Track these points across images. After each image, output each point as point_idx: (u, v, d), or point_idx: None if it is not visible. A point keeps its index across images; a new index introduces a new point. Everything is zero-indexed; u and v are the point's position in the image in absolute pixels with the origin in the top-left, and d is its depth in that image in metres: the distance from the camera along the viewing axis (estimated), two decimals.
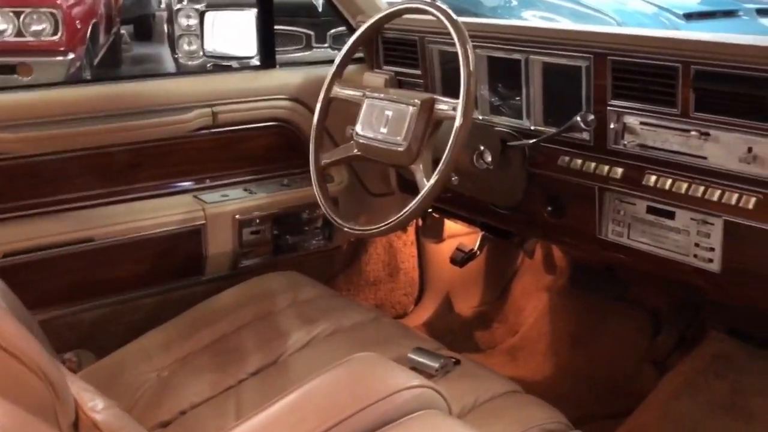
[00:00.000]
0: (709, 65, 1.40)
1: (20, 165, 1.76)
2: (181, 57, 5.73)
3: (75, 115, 1.79)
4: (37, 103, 1.78)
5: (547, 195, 1.76)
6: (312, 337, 1.68)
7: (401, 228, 1.64)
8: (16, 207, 1.76)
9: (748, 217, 1.40)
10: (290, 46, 5.72)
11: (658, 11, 6.73)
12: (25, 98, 1.79)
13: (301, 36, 5.92)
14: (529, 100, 1.76)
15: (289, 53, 5.64)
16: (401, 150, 1.64)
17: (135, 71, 7.22)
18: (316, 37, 5.89)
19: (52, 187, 1.80)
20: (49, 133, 1.76)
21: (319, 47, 5.91)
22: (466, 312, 2.59)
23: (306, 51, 5.89)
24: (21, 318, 1.41)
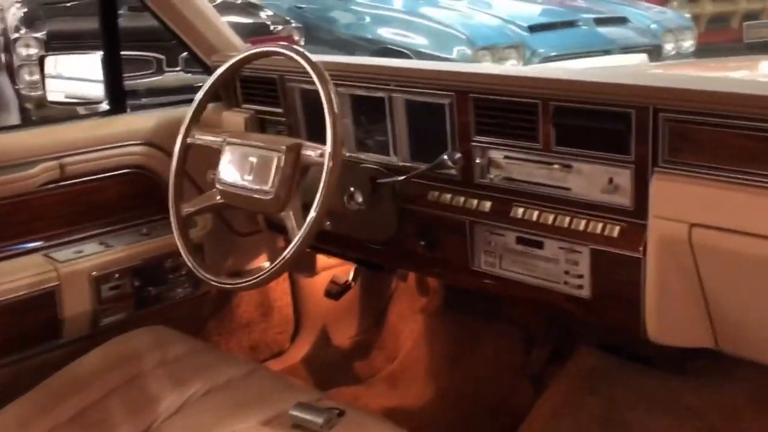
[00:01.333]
0: (567, 101, 1.44)
1: None
2: (23, 88, 5.37)
3: None
4: None
5: (419, 229, 1.75)
6: (185, 400, 1.59)
7: (274, 279, 1.58)
8: None
9: (613, 245, 1.45)
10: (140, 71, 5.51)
11: (503, 24, 7.00)
12: None
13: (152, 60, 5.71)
14: (395, 136, 1.75)
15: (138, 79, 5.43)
16: (269, 198, 1.58)
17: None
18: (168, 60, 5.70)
19: None
20: None
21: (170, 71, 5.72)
22: (344, 343, 2.56)
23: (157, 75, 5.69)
24: None
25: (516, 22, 6.97)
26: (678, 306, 1.43)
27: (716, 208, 1.29)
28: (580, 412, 1.75)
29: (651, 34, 7.24)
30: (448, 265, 1.74)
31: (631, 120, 1.36)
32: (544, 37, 6.91)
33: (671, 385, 1.76)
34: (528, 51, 6.78)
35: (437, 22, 6.96)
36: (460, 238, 1.68)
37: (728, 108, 1.24)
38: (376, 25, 7.40)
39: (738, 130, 1.25)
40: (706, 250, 1.33)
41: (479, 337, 2.36)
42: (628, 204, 1.42)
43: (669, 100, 1.31)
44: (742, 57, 5.52)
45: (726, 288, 1.38)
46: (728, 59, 5.00)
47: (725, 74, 2.38)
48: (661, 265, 1.39)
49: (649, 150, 1.36)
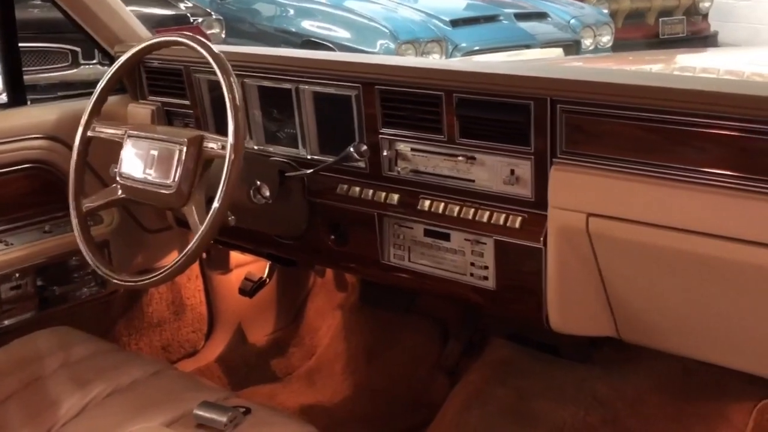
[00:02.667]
0: (469, 93, 1.45)
1: None
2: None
3: None
4: None
5: (329, 223, 1.74)
6: (87, 402, 1.54)
7: (176, 276, 1.54)
8: None
9: (515, 236, 1.46)
10: (54, 64, 5.33)
11: (427, 18, 7.04)
12: None
13: (66, 53, 5.53)
14: (304, 129, 1.73)
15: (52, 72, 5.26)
16: (171, 192, 1.54)
17: None
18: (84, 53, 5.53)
19: None
20: None
21: (87, 64, 5.55)
22: (260, 341, 2.52)
23: (72, 69, 5.52)
24: None
25: (439, 16, 7.02)
26: (578, 296, 1.45)
27: (611, 198, 1.32)
28: (490, 403, 1.76)
29: (570, 29, 7.39)
30: (359, 259, 1.74)
31: (530, 112, 1.38)
32: (466, 32, 6.98)
33: (578, 374, 1.79)
34: (450, 45, 6.84)
35: (361, 15, 6.96)
36: (369, 231, 1.67)
37: (621, 99, 1.27)
38: (299, 18, 7.34)
39: (631, 120, 1.27)
40: (603, 240, 1.35)
41: (396, 331, 2.36)
42: (529, 195, 1.44)
43: (565, 91, 1.33)
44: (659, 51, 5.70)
45: (624, 277, 1.41)
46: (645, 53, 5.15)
47: (642, 67, 2.43)
48: (561, 255, 1.41)
49: (548, 141, 1.38)
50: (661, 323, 1.45)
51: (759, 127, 1.16)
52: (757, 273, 1.22)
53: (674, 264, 1.31)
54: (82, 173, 1.70)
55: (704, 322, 1.38)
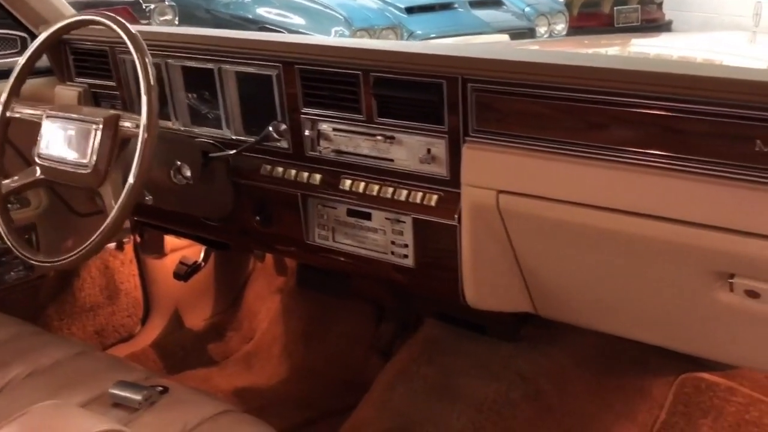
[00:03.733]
0: (385, 72, 1.45)
1: None
2: None
3: None
4: None
5: (254, 205, 1.74)
6: (6, 383, 1.52)
7: (91, 256, 1.54)
8: None
9: (431, 214, 1.48)
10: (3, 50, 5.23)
11: (383, 6, 7.05)
12: None
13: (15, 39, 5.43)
14: (227, 109, 1.73)
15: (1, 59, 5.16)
16: (87, 172, 1.53)
17: None
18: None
19: None
20: None
21: None
22: (197, 325, 2.52)
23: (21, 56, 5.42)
24: None
25: (395, 3, 7.03)
26: (493, 272, 1.48)
27: (520, 175, 1.34)
28: (415, 381, 1.79)
29: (525, 17, 7.45)
30: (285, 240, 1.74)
31: (442, 91, 1.39)
32: (421, 19, 7.01)
33: (503, 352, 1.82)
34: (405, 32, 6.86)
35: (316, 2, 6.94)
36: (293, 212, 1.68)
37: (524, 77, 1.28)
38: (255, 5, 7.30)
39: (535, 99, 1.29)
40: (513, 216, 1.37)
41: (332, 314, 2.37)
42: (445, 174, 1.46)
43: (474, 70, 1.34)
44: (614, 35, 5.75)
45: (536, 253, 1.43)
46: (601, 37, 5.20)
47: (597, 50, 2.46)
48: (475, 232, 1.43)
49: (460, 120, 1.39)
50: (575, 298, 1.48)
51: (653, 103, 1.19)
52: (662, 247, 1.25)
53: (582, 239, 1.34)
54: (1, 154, 1.68)
55: (615, 297, 1.41)
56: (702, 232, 1.18)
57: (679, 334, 1.38)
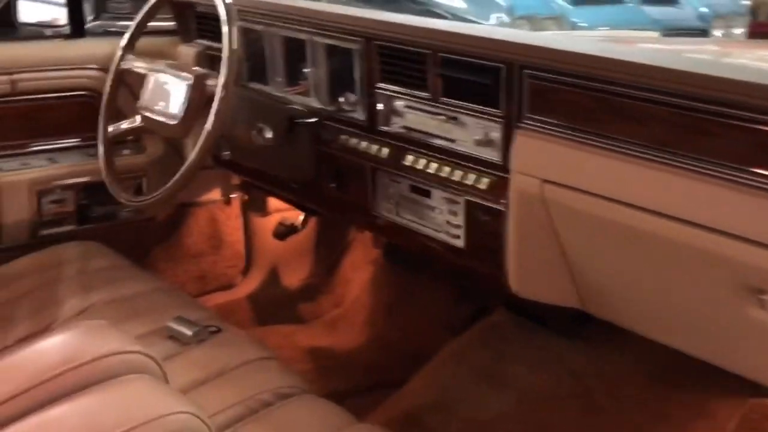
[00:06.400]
0: (450, 53, 1.48)
1: None
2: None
3: None
4: None
5: (332, 172, 1.82)
6: (87, 306, 1.70)
7: (169, 201, 1.68)
8: None
9: (483, 197, 1.50)
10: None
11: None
12: None
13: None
14: (316, 79, 1.82)
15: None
16: (175, 123, 1.67)
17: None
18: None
19: None
20: None
21: None
22: (293, 284, 2.65)
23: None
24: None
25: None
26: (539, 262, 1.47)
27: (565, 166, 1.33)
28: (466, 362, 1.81)
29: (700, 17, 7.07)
30: (354, 208, 1.81)
31: (500, 75, 1.40)
32: (586, 11, 6.83)
33: (559, 346, 1.80)
34: (568, 24, 6.71)
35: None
36: (363, 183, 1.74)
37: (578, 68, 1.27)
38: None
39: (586, 90, 1.28)
40: (557, 207, 1.37)
41: (415, 290, 2.43)
42: (497, 158, 1.47)
43: (530, 57, 1.34)
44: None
45: (582, 247, 1.41)
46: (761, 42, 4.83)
47: (740, 55, 2.32)
48: (521, 219, 1.43)
49: (515, 105, 1.40)
50: (622, 299, 1.45)
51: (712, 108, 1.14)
52: (698, 255, 1.21)
53: (623, 239, 1.31)
54: (113, 101, 1.86)
55: (652, 301, 1.37)
56: (735, 244, 1.13)
57: (713, 347, 1.32)
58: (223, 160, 1.74)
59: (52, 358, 1.17)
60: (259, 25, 1.90)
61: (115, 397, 1.11)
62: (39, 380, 1.11)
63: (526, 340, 1.84)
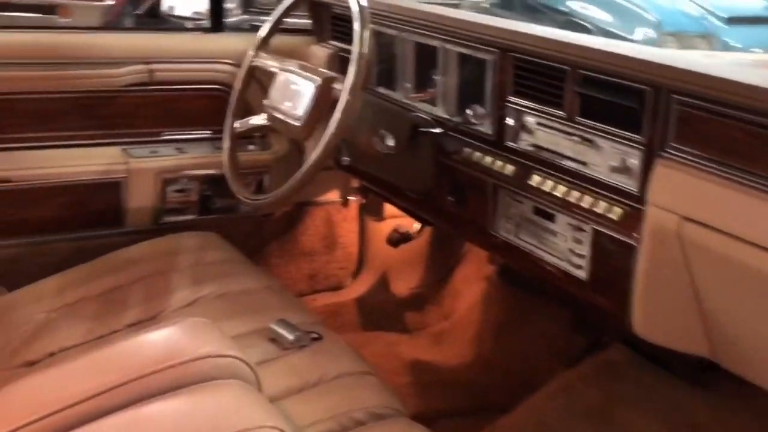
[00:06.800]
0: (592, 70, 1.38)
1: None
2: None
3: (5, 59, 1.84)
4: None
5: (451, 185, 1.76)
6: (196, 299, 1.71)
7: (286, 201, 1.67)
8: None
9: (612, 228, 1.39)
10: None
11: (703, 13, 6.57)
12: None
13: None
14: (444, 88, 1.75)
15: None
16: (298, 125, 1.65)
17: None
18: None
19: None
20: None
21: None
22: (402, 292, 2.61)
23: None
24: None
25: (716, 12, 6.53)
26: (668, 304, 1.35)
27: (709, 204, 1.20)
28: (576, 399, 1.70)
29: None
30: (472, 225, 1.74)
31: (645, 98, 1.29)
32: (742, 31, 6.42)
33: (681, 393, 1.66)
34: (719, 44, 6.34)
35: (631, 2, 6.66)
36: (484, 199, 1.67)
37: (735, 98, 1.15)
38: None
39: (746, 124, 1.15)
40: (695, 248, 1.24)
41: (529, 312, 2.32)
42: (634, 188, 1.35)
43: (681, 81, 1.22)
44: None
45: (719, 294, 1.28)
46: None
47: None
48: (653, 256, 1.32)
49: (659, 133, 1.28)
50: (758, 354, 1.31)
51: None
52: None
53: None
54: (242, 97, 1.87)
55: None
56: None
57: None
58: (343, 165, 1.70)
59: (150, 355, 1.16)
60: (393, 29, 1.85)
61: (205, 402, 1.09)
62: (135, 375, 1.11)
63: (642, 382, 1.71)
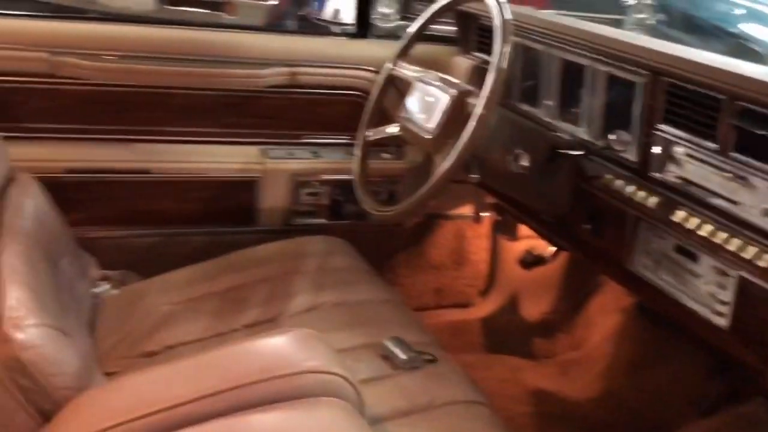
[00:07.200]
0: (753, 102, 1.25)
1: (92, 92, 1.90)
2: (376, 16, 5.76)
3: (152, 54, 1.91)
4: (120, 36, 1.91)
5: (588, 211, 1.66)
6: (316, 305, 1.70)
7: (411, 215, 1.62)
8: (83, 129, 1.92)
9: (762, 276, 1.25)
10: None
11: None
12: (108, 30, 1.93)
13: None
14: (589, 110, 1.65)
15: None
16: (428, 137, 1.61)
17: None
18: None
19: (120, 117, 1.94)
20: (127, 67, 1.89)
21: None
22: (531, 316, 2.50)
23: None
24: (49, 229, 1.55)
25: None
26: None
27: None
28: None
29: None
30: (607, 257, 1.63)
31: None
32: None
33: None
34: None
35: None
36: (622, 230, 1.56)
37: None
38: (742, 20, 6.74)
39: None
40: None
41: (665, 351, 2.16)
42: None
43: None
44: None
45: None
46: None
47: None
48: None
49: None
50: None
51: None
52: None
53: None
54: (377, 106, 1.85)
55: None
56: None
57: None
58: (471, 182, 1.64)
59: (255, 363, 1.15)
60: (540, 44, 1.77)
61: (302, 419, 1.07)
62: (237, 383, 1.10)
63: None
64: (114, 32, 1.93)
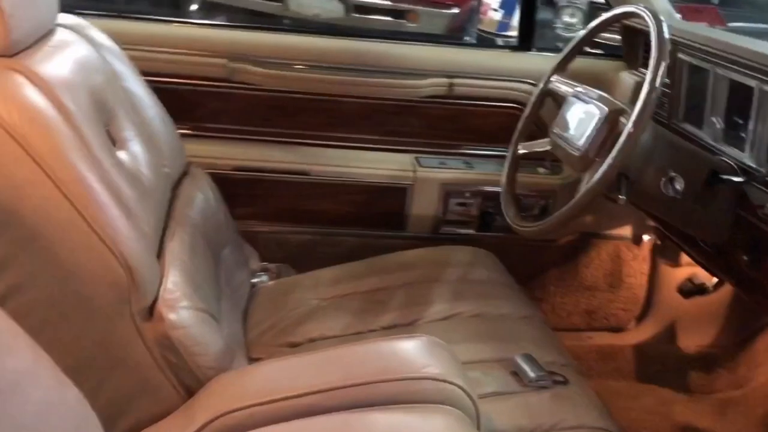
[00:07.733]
0: None
1: (263, 97, 2.04)
2: (559, 26, 5.65)
3: (319, 63, 2.01)
4: (288, 46, 2.03)
5: (748, 242, 1.56)
6: (453, 314, 1.71)
7: (549, 233, 1.59)
8: (252, 131, 2.06)
9: None
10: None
11: None
12: (278, 40, 2.06)
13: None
14: (755, 133, 1.55)
15: None
16: (577, 155, 1.58)
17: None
18: None
19: (285, 121, 2.06)
20: (294, 75, 2.01)
21: None
22: (689, 348, 2.37)
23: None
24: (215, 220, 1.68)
25: None
26: None
27: None
28: None
29: None
30: (763, 289, 1.52)
31: None
32: None
33: None
34: None
35: None
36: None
37: None
38: None
39: None
40: None
41: None
42: None
43: None
44: None
45: None
46: None
47: None
48: None
49: None
50: None
51: None
52: None
53: None
54: (531, 120, 1.84)
55: None
56: None
57: None
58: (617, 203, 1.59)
59: (379, 363, 1.19)
60: (707, 63, 1.69)
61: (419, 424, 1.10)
62: (358, 381, 1.14)
63: None
64: (285, 41, 2.05)
